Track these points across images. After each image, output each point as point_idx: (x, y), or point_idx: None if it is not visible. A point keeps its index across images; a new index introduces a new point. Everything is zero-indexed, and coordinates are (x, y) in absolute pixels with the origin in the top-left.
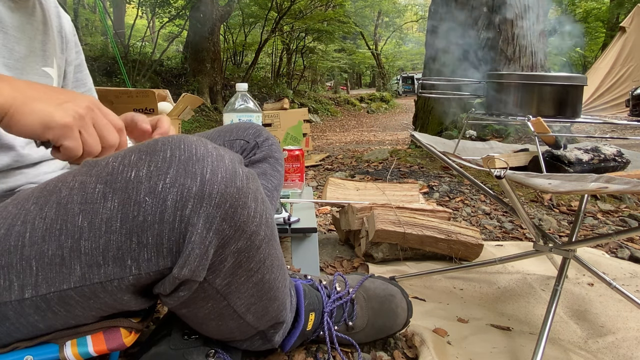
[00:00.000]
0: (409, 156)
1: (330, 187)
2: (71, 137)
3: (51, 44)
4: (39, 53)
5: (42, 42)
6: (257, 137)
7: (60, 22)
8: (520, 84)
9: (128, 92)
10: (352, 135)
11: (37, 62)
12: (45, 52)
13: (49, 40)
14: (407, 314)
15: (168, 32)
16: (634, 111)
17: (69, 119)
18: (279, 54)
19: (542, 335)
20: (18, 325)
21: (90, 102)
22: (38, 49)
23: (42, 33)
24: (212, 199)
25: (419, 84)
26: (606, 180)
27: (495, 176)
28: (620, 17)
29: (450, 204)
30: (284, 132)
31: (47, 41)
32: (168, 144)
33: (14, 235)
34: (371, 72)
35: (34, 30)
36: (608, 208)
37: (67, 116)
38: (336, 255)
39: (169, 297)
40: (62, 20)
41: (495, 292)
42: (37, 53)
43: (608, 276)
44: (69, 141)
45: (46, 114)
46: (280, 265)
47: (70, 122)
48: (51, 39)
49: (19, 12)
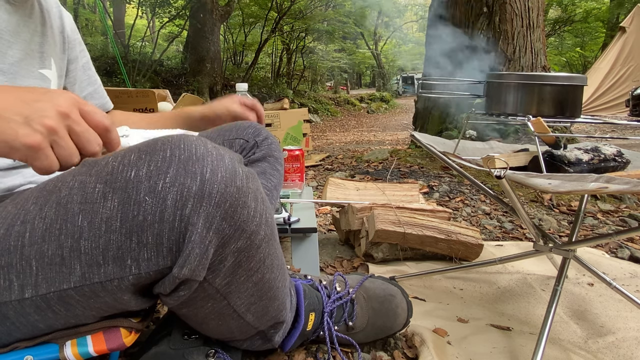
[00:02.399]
0: (409, 156)
1: (330, 187)
2: (39, 158)
3: (49, 45)
4: (36, 55)
5: (39, 44)
6: (256, 136)
7: (62, 22)
8: (520, 84)
9: (128, 92)
10: (352, 135)
11: (33, 64)
12: (42, 54)
13: (47, 41)
14: (407, 314)
15: (168, 32)
16: (634, 111)
17: (35, 138)
18: (279, 54)
19: (542, 335)
20: (18, 325)
21: (68, 104)
22: (35, 51)
23: (40, 35)
24: (212, 199)
25: (419, 84)
26: (606, 180)
27: (495, 176)
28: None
29: (450, 204)
30: (284, 132)
31: (45, 42)
32: (168, 143)
33: (13, 235)
34: (371, 72)
35: (31, 33)
36: (608, 208)
37: (34, 134)
38: (336, 255)
39: (169, 297)
40: (64, 20)
41: (495, 292)
42: (33, 55)
43: (608, 276)
44: (38, 162)
45: (8, 134)
46: (280, 264)
47: (37, 141)
48: (50, 39)
49: (16, 14)
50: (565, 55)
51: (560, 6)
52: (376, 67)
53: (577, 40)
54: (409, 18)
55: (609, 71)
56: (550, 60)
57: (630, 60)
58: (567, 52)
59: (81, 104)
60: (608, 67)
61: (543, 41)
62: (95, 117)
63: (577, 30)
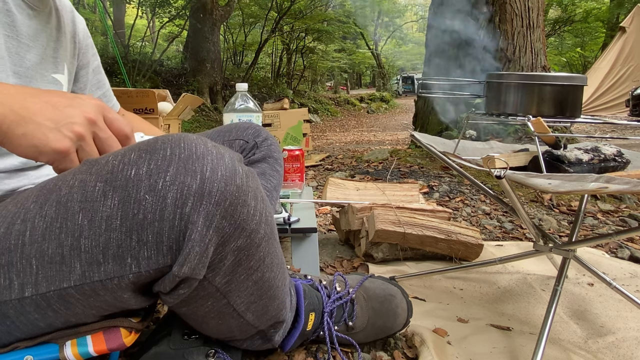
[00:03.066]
0: (409, 156)
1: (330, 187)
2: (65, 162)
3: (63, 49)
4: (50, 60)
5: (54, 49)
6: (256, 137)
7: (75, 27)
8: (520, 84)
9: (128, 92)
10: (352, 135)
11: (47, 69)
12: (56, 59)
13: (60, 46)
14: (407, 314)
15: (168, 32)
16: (634, 111)
17: (64, 144)
18: (279, 54)
19: (542, 335)
20: (18, 324)
21: (95, 111)
22: (50, 55)
23: (54, 40)
24: (212, 197)
25: (419, 84)
26: (606, 180)
27: (495, 176)
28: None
29: (450, 204)
30: (284, 132)
31: (59, 47)
32: (168, 142)
33: (14, 234)
34: (371, 72)
35: (48, 37)
36: (608, 208)
37: (63, 139)
38: (336, 255)
39: (168, 296)
40: (76, 26)
41: (495, 292)
42: (48, 60)
43: (608, 276)
44: (62, 165)
45: (39, 139)
46: (280, 264)
47: (65, 147)
48: (63, 44)
49: (36, 19)
50: (565, 55)
51: (560, 6)
52: (376, 67)
53: (577, 40)
54: (409, 18)
55: (609, 71)
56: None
57: (630, 60)
58: (567, 52)
59: (106, 111)
60: (608, 67)
61: (543, 41)
62: (118, 125)
63: (577, 30)
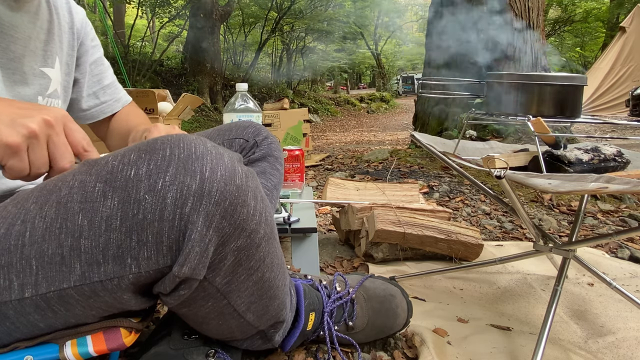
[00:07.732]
0: (409, 156)
1: (330, 187)
2: (14, 158)
3: (55, 43)
4: (39, 53)
5: (44, 42)
6: (256, 136)
7: (72, 17)
8: (520, 84)
9: (128, 92)
10: (352, 135)
11: (35, 62)
12: (46, 52)
13: (52, 39)
14: (407, 314)
15: (168, 32)
16: (634, 111)
17: (15, 139)
18: (279, 54)
19: (542, 335)
20: (18, 325)
21: (56, 117)
22: (39, 48)
23: (45, 32)
24: (212, 197)
25: (419, 84)
26: (606, 180)
27: (495, 176)
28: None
29: (450, 204)
30: (284, 132)
31: (51, 40)
32: (167, 142)
33: (14, 235)
34: (371, 72)
35: (36, 30)
36: (608, 208)
37: (15, 135)
38: (336, 255)
39: (169, 296)
40: (73, 16)
41: (495, 292)
42: (36, 53)
43: (608, 276)
44: (11, 161)
45: None
46: (280, 264)
47: (16, 142)
48: (56, 37)
49: (20, 11)
50: (565, 55)
51: (560, 6)
52: (376, 67)
53: (577, 40)
54: (409, 18)
55: (609, 71)
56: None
57: (630, 60)
58: (567, 52)
59: (68, 121)
60: (608, 67)
61: (543, 41)
62: (77, 136)
63: (577, 30)
